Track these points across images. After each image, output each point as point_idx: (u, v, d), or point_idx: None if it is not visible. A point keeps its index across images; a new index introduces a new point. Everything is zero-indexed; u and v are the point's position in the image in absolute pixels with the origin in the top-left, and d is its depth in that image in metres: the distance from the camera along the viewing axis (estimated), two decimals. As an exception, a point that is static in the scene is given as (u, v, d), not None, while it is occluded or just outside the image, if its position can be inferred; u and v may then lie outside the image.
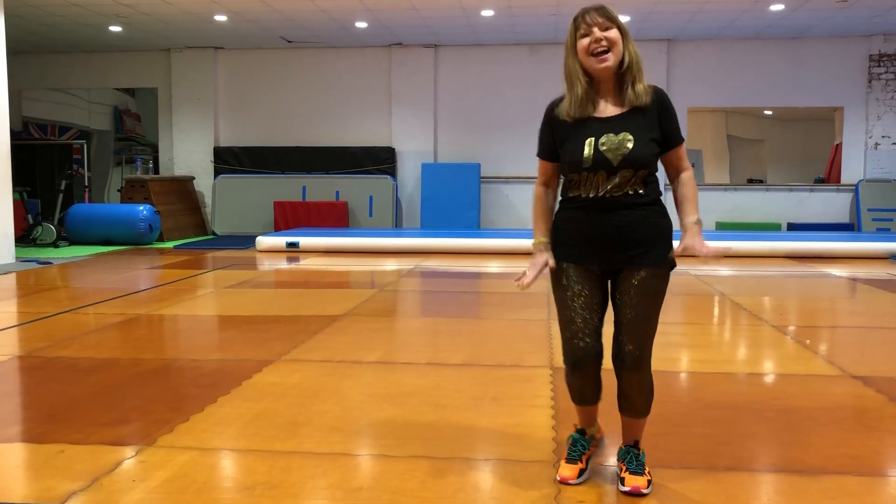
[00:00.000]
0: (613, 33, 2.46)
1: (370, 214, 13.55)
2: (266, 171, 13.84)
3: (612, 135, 2.49)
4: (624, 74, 2.52)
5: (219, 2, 10.55)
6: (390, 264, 9.40)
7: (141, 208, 11.74)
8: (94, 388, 3.90)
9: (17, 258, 9.51)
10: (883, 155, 13.02)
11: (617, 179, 2.48)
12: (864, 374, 4.16)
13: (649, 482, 2.60)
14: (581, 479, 2.67)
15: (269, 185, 13.72)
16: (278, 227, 13.15)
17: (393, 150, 13.74)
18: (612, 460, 2.86)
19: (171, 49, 14.05)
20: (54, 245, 11.23)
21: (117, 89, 16.19)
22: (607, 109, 2.54)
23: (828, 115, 14.71)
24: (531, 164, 13.55)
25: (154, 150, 15.42)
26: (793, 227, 13.09)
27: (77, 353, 4.66)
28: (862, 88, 13.00)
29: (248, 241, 11.81)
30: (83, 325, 5.56)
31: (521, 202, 13.69)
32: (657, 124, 2.53)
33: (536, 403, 3.61)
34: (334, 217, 13.24)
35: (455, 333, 5.33)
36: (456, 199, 13.23)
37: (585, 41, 2.47)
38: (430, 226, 13.21)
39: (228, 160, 13.93)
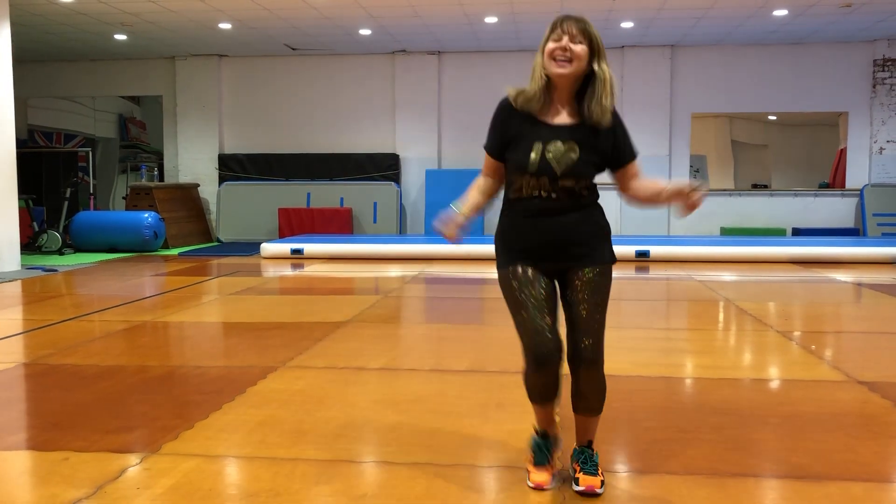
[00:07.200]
0: (580, 48, 2.50)
1: (374, 221, 13.56)
2: (270, 178, 13.86)
3: (559, 143, 2.54)
4: (585, 89, 2.56)
5: (223, 10, 10.59)
6: (394, 270, 9.40)
7: (146, 215, 11.77)
8: (99, 395, 3.91)
9: (22, 265, 9.53)
10: (888, 160, 12.99)
11: (559, 186, 2.54)
12: (869, 379, 4.14)
13: (602, 482, 2.65)
14: (555, 484, 2.70)
15: (273, 191, 13.73)
16: (283, 234, 13.16)
17: (397, 156, 13.76)
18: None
19: (176, 57, 14.09)
20: (59, 252, 11.26)
21: (122, 97, 16.28)
22: (559, 118, 2.59)
23: (832, 120, 14.68)
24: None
25: (159, 157, 15.48)
26: (797, 232, 13.06)
27: (82, 360, 4.67)
28: (866, 93, 12.98)
29: (252, 248, 11.82)
30: (88, 332, 5.57)
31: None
32: (610, 146, 2.59)
33: (541, 410, 3.60)
34: (338, 224, 13.24)
35: (459, 340, 5.32)
36: (460, 206, 13.21)
37: (552, 45, 2.52)
38: (434, 232, 13.20)
39: (233, 167, 13.94)
